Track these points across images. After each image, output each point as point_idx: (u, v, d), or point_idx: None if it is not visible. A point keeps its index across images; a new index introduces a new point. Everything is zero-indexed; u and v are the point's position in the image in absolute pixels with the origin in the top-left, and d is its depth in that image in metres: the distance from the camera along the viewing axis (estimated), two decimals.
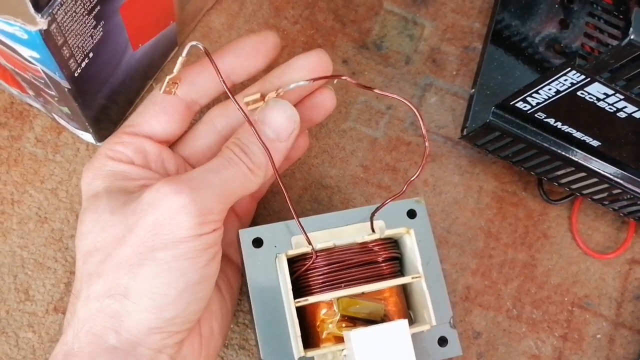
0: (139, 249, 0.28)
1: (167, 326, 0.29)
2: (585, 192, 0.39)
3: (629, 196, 0.37)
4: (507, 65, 0.42)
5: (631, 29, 0.25)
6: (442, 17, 0.46)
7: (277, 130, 0.32)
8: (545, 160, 0.37)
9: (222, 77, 0.30)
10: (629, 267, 0.43)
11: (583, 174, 0.37)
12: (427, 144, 0.31)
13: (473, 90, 0.41)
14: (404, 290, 0.35)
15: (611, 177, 0.36)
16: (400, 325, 0.30)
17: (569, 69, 0.29)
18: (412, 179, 0.32)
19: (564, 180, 0.39)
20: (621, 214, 0.41)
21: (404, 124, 0.43)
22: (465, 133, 0.39)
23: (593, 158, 0.36)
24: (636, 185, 0.37)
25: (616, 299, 0.42)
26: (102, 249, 0.29)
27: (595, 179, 0.37)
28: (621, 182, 0.36)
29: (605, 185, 0.37)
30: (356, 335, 0.30)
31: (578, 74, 0.30)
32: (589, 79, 0.30)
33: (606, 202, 0.40)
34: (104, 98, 0.35)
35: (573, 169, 0.37)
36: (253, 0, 0.44)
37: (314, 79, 0.34)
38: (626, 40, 0.26)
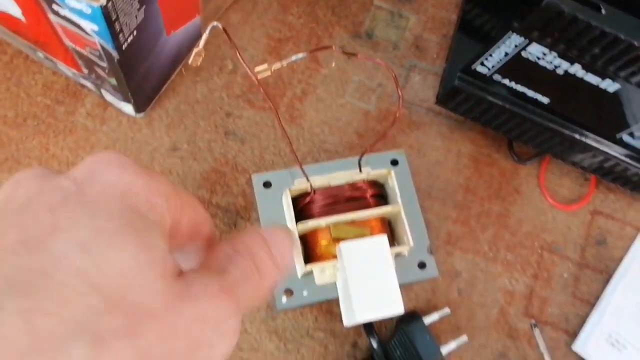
0: None
1: None
2: (544, 147, 0.46)
3: (580, 148, 0.44)
4: (476, 42, 0.49)
5: None
6: (424, 11, 0.54)
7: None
8: (505, 118, 0.44)
9: (240, 53, 0.38)
10: (591, 217, 0.49)
11: (539, 129, 0.44)
12: (400, 92, 0.38)
13: (446, 64, 0.49)
14: (389, 226, 0.42)
15: (562, 130, 0.43)
16: (381, 239, 0.37)
17: (510, 31, 0.37)
18: (390, 127, 0.40)
19: (525, 137, 0.46)
20: (579, 168, 0.48)
21: (392, 98, 0.51)
22: (439, 98, 0.47)
23: (545, 114, 0.43)
24: (584, 137, 0.43)
25: (580, 244, 0.49)
26: None
27: (550, 134, 0.44)
28: (572, 134, 0.43)
29: (559, 139, 0.44)
30: (345, 247, 0.37)
31: (518, 36, 0.37)
32: (527, 40, 0.37)
33: (565, 156, 0.47)
34: (142, 75, 0.44)
35: (530, 125, 0.44)
36: None
37: (311, 51, 0.42)
38: (544, 2, 0.33)
